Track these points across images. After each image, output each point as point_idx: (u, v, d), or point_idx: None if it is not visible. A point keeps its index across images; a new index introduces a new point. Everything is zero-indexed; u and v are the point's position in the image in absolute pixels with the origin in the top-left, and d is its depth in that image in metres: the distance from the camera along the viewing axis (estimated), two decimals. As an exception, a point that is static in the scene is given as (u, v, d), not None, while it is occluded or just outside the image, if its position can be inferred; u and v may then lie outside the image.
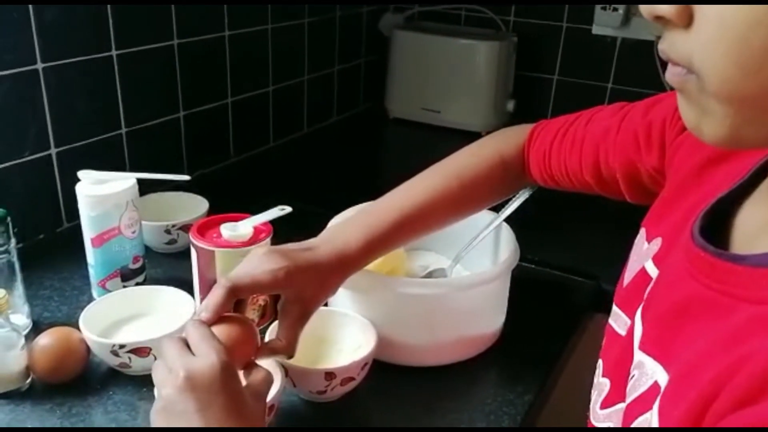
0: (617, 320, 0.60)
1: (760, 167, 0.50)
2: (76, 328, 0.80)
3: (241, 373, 0.61)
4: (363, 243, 0.75)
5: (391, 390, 0.82)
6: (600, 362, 0.61)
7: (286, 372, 0.75)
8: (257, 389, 0.60)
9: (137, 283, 0.95)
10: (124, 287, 0.93)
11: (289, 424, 0.77)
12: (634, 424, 0.47)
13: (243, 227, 0.86)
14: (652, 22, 0.42)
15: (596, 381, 0.60)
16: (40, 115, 1.05)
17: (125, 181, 0.92)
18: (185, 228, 1.05)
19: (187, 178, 0.97)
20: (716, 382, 0.39)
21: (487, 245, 0.96)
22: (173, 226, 1.06)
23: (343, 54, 1.75)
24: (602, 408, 0.56)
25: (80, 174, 0.91)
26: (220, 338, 0.59)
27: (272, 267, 0.67)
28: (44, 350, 0.78)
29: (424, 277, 0.95)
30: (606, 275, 1.00)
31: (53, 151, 1.08)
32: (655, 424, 0.44)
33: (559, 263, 1.10)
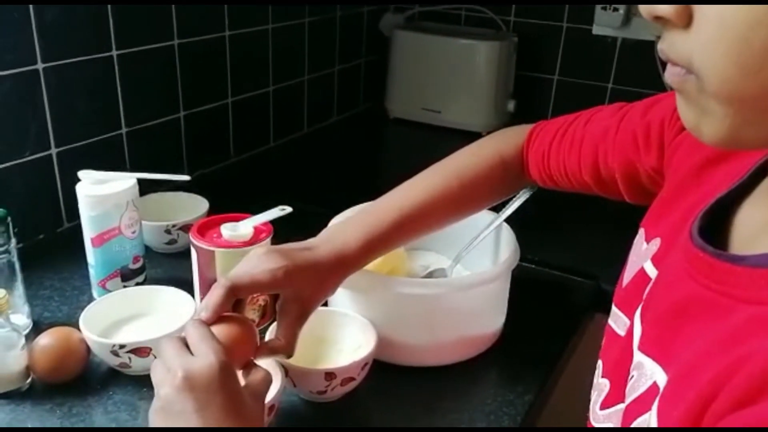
0: (616, 321, 0.60)
1: (758, 167, 0.50)
2: (77, 328, 0.80)
3: (240, 373, 0.61)
4: (362, 243, 0.75)
5: (391, 390, 0.82)
6: (599, 363, 0.61)
7: (286, 372, 0.75)
8: (256, 389, 0.60)
9: (137, 283, 0.96)
10: (125, 287, 0.93)
11: (289, 424, 0.77)
12: (633, 425, 0.47)
13: (243, 227, 0.86)
14: (651, 22, 0.42)
15: (596, 381, 0.60)
16: (40, 115, 1.05)
17: (125, 181, 0.92)
18: (185, 228, 1.05)
19: (187, 178, 0.97)
20: (715, 382, 0.39)
21: (488, 245, 0.96)
22: (173, 226, 1.06)
23: (344, 54, 1.75)
24: (602, 408, 0.56)
25: (80, 174, 0.91)
26: (220, 338, 0.59)
27: (271, 266, 0.67)
28: (44, 350, 0.78)
29: (424, 277, 0.95)
30: (606, 275, 1.00)
31: (53, 151, 1.08)
32: (654, 425, 0.44)
33: (559, 263, 1.10)
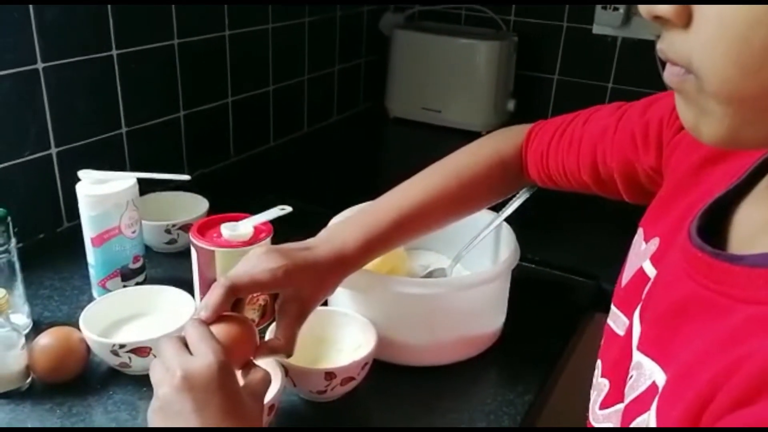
0: (616, 320, 0.60)
1: (757, 167, 0.50)
2: (77, 327, 0.80)
3: (239, 372, 0.61)
4: (361, 243, 0.75)
5: (391, 390, 0.82)
6: (599, 362, 0.61)
7: (286, 372, 0.75)
8: (255, 389, 0.60)
9: (137, 283, 0.96)
10: (125, 287, 0.93)
11: (289, 423, 0.77)
12: (632, 425, 0.47)
13: (243, 227, 0.86)
14: (651, 22, 0.42)
15: (595, 381, 0.59)
16: (40, 115, 1.05)
17: (125, 180, 0.92)
18: (185, 228, 1.05)
19: (187, 177, 0.97)
20: (714, 382, 0.39)
21: (488, 245, 0.96)
22: (173, 225, 1.06)
23: (344, 53, 1.75)
24: (601, 408, 0.56)
25: (80, 173, 0.91)
26: (219, 337, 0.59)
27: (271, 266, 0.67)
28: (44, 350, 0.78)
29: (424, 277, 0.95)
30: (606, 275, 1.00)
31: (53, 150, 1.08)
32: (653, 425, 0.44)
33: (559, 263, 1.10)
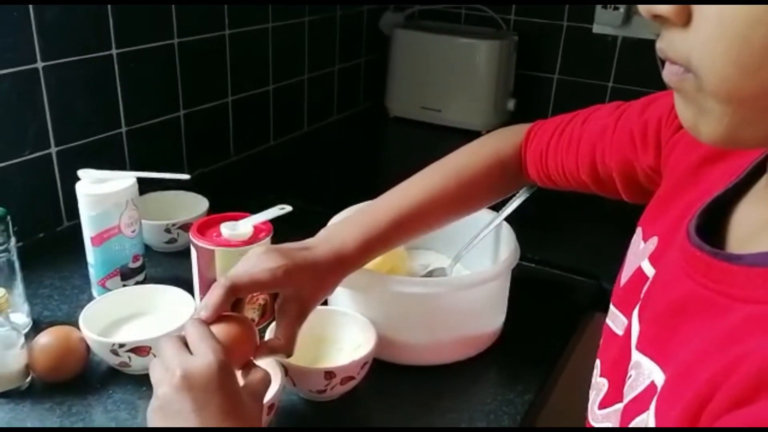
0: (614, 320, 0.60)
1: (755, 166, 0.50)
2: (76, 327, 0.80)
3: (239, 372, 0.61)
4: (360, 242, 0.75)
5: (390, 389, 0.82)
6: (598, 362, 0.60)
7: (285, 371, 0.75)
8: (255, 389, 0.60)
9: (137, 282, 0.96)
10: (124, 286, 0.93)
11: (288, 423, 0.77)
12: (631, 425, 0.47)
13: (243, 226, 0.86)
14: (650, 21, 0.42)
15: (594, 381, 0.59)
16: (40, 114, 1.05)
17: (125, 180, 0.92)
18: (185, 227, 1.05)
19: (187, 177, 0.98)
20: (712, 381, 0.39)
21: (488, 244, 0.96)
22: (173, 225, 1.06)
23: (344, 53, 1.75)
24: (600, 408, 0.56)
25: (80, 173, 0.91)
26: (219, 337, 0.59)
27: (271, 265, 0.67)
28: (44, 349, 0.78)
29: (424, 276, 0.95)
30: (606, 274, 1.00)
31: (53, 149, 1.08)
32: (652, 425, 0.44)
33: (559, 262, 1.10)
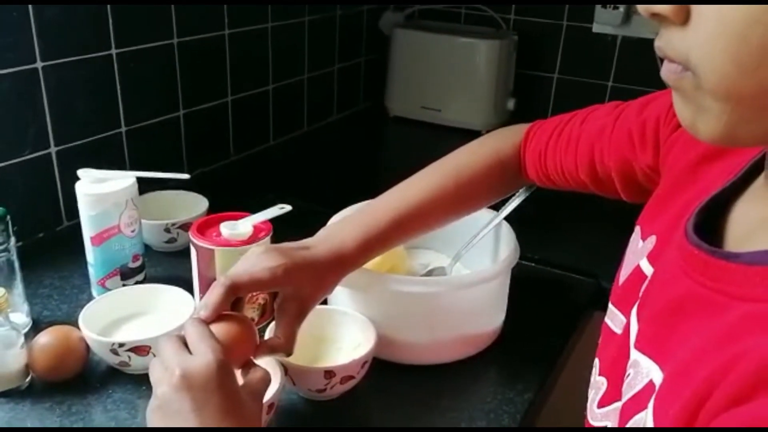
0: (613, 319, 0.60)
1: (753, 164, 0.50)
2: (76, 326, 0.80)
3: (239, 372, 0.61)
4: (360, 242, 0.75)
5: (390, 388, 0.82)
6: (596, 361, 0.61)
7: (285, 370, 0.75)
8: (254, 388, 0.60)
9: (137, 282, 0.96)
10: (124, 286, 0.93)
11: (288, 422, 0.77)
12: (629, 424, 0.47)
13: (243, 226, 0.86)
14: (649, 19, 0.42)
15: (593, 380, 0.59)
16: (39, 114, 1.05)
17: (125, 179, 0.92)
18: (185, 227, 1.05)
19: (186, 176, 0.98)
20: (710, 380, 0.39)
21: (487, 243, 0.96)
22: (173, 224, 1.06)
23: (344, 52, 1.75)
24: (599, 407, 0.56)
25: (80, 173, 0.91)
26: (219, 337, 0.59)
27: (270, 264, 0.67)
28: (44, 349, 0.78)
29: (424, 276, 0.95)
30: (606, 273, 1.00)
31: (53, 149, 1.08)
32: (650, 424, 0.44)
33: (559, 261, 1.10)
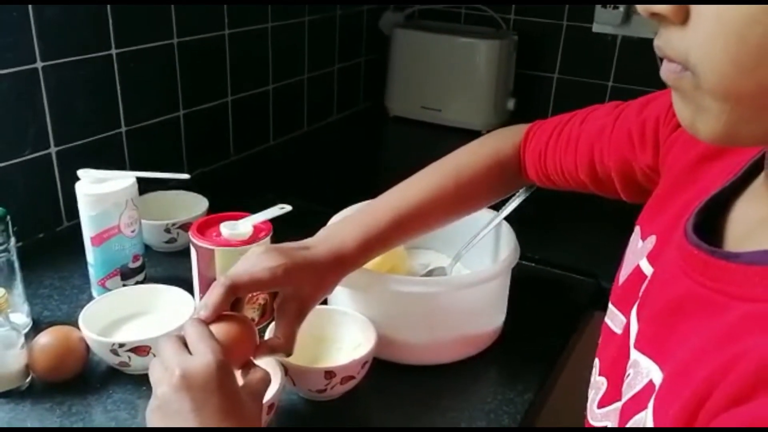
0: (613, 319, 0.60)
1: (752, 164, 0.50)
2: (76, 327, 0.80)
3: (239, 372, 0.61)
4: (360, 242, 0.75)
5: (390, 388, 0.82)
6: (596, 361, 0.60)
7: (285, 371, 0.75)
8: (254, 389, 0.60)
9: (137, 282, 0.96)
10: (124, 286, 0.93)
11: (288, 422, 0.77)
12: (629, 424, 0.47)
13: (243, 226, 0.86)
14: (648, 19, 0.42)
15: (593, 380, 0.59)
16: (39, 114, 1.05)
17: (125, 179, 0.92)
18: (185, 227, 1.05)
19: (186, 176, 0.98)
20: (710, 380, 0.39)
21: (487, 244, 0.96)
22: (173, 224, 1.06)
23: (344, 52, 1.75)
24: (599, 407, 0.56)
25: (80, 173, 0.91)
26: (219, 337, 0.59)
27: (271, 264, 0.67)
28: (44, 349, 0.78)
29: (424, 276, 0.95)
30: (606, 273, 1.00)
31: (53, 149, 1.08)
32: (650, 424, 0.44)
33: (559, 261, 1.10)
